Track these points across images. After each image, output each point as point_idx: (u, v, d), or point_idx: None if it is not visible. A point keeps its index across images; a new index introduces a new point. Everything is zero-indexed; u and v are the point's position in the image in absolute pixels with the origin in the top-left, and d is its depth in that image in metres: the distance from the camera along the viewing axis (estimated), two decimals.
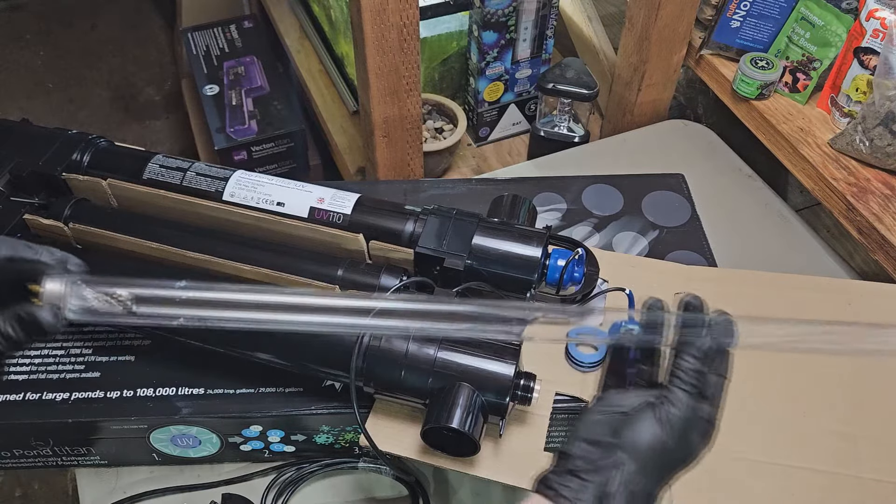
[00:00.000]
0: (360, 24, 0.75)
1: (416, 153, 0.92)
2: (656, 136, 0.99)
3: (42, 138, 0.71)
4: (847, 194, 0.79)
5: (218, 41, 1.40)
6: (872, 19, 0.78)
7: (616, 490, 0.40)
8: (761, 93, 0.89)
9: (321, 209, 0.63)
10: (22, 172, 0.68)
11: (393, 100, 0.83)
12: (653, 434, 0.42)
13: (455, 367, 0.54)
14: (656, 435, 0.42)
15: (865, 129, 0.79)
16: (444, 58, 1.06)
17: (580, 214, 0.79)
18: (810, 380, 0.62)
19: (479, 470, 0.56)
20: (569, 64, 0.98)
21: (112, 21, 2.06)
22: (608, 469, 0.41)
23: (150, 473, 0.66)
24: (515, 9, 0.97)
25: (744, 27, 0.90)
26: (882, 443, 0.59)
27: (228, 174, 0.66)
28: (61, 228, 0.63)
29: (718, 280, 0.69)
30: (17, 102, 1.84)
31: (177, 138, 1.78)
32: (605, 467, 0.41)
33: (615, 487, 0.40)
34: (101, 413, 0.61)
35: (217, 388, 0.62)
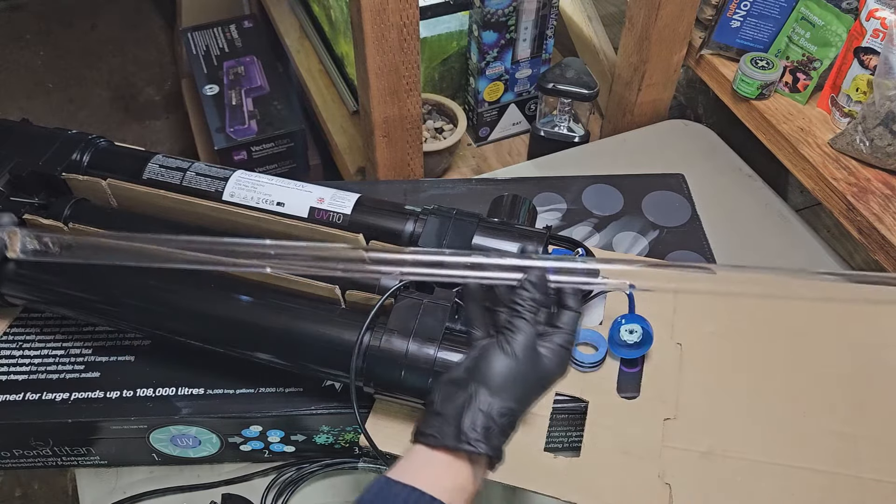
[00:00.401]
0: (360, 24, 0.75)
1: (416, 153, 0.91)
2: (656, 136, 0.99)
3: (42, 138, 0.71)
4: (847, 194, 0.79)
5: (218, 41, 1.40)
6: (872, 19, 0.78)
7: (472, 414, 0.43)
8: (761, 93, 0.88)
9: (321, 209, 0.63)
10: (22, 172, 0.68)
11: (393, 100, 0.83)
12: (500, 362, 0.45)
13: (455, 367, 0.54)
14: (503, 362, 0.45)
15: (866, 129, 0.79)
16: (444, 58, 1.06)
17: (580, 214, 0.79)
18: (810, 380, 0.62)
19: None
20: (569, 64, 0.98)
21: (112, 21, 2.06)
22: (462, 399, 0.44)
23: (150, 473, 0.66)
24: (515, 9, 0.97)
25: (744, 27, 0.90)
26: (882, 443, 0.59)
27: (228, 174, 0.66)
28: (61, 228, 0.63)
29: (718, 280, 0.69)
30: (17, 102, 1.84)
31: (177, 138, 1.78)
32: (460, 398, 0.44)
33: (471, 412, 0.43)
34: (101, 413, 0.61)
35: (217, 388, 0.62)
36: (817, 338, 0.65)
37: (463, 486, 0.42)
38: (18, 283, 0.63)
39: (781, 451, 0.58)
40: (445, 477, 0.42)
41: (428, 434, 0.43)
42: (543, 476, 0.56)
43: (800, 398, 0.61)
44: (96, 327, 0.66)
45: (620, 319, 0.62)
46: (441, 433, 0.43)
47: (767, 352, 0.64)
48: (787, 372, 0.63)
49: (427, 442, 0.43)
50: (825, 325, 0.65)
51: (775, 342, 0.65)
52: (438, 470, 0.42)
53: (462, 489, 0.42)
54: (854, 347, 0.64)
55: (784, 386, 0.62)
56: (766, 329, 0.65)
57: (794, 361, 0.63)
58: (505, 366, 0.45)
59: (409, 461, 0.43)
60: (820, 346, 0.64)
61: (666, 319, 0.65)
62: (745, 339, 0.65)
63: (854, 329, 0.65)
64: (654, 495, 0.56)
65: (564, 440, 0.63)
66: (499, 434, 0.44)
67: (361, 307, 0.57)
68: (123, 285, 0.60)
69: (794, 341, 0.65)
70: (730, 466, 0.57)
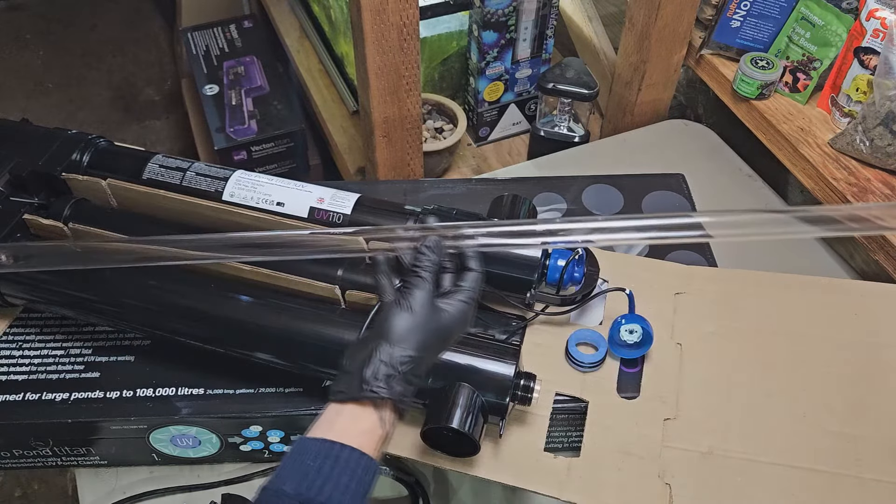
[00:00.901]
0: (360, 24, 0.75)
1: (416, 153, 0.91)
2: (656, 135, 0.99)
3: (42, 138, 0.71)
4: (847, 194, 0.79)
5: (218, 41, 1.40)
6: (873, 19, 0.78)
7: (374, 365, 0.46)
8: (761, 93, 0.88)
9: (321, 209, 0.63)
10: (22, 172, 0.68)
11: (393, 99, 0.83)
12: (397, 316, 0.48)
13: (455, 367, 0.54)
14: (400, 316, 0.48)
15: (866, 128, 0.79)
16: (444, 57, 1.06)
17: (581, 214, 0.79)
18: (810, 380, 0.62)
19: (478, 470, 0.56)
20: (569, 64, 0.98)
21: (112, 21, 2.06)
22: (364, 354, 0.46)
23: (150, 474, 0.66)
24: (515, 8, 0.97)
25: (744, 27, 0.90)
26: (882, 443, 0.59)
27: (228, 174, 0.66)
28: (61, 228, 0.63)
29: (719, 280, 0.69)
30: (17, 102, 1.84)
31: (176, 138, 1.78)
32: (363, 354, 0.46)
33: (372, 364, 0.46)
34: (101, 413, 0.61)
35: (217, 388, 0.62)
36: (817, 338, 0.65)
37: (370, 429, 0.45)
38: (18, 283, 0.63)
39: (782, 451, 0.58)
40: (353, 425, 0.45)
41: (336, 391, 0.46)
42: (543, 476, 0.56)
43: (800, 398, 0.61)
44: (96, 327, 0.66)
45: (620, 319, 0.62)
46: (348, 387, 0.46)
47: (767, 352, 0.64)
48: (787, 372, 0.63)
49: (336, 398, 0.46)
50: (825, 326, 0.65)
51: (775, 342, 0.64)
52: (346, 420, 0.45)
53: (370, 432, 0.45)
54: (854, 347, 0.64)
55: (784, 386, 0.62)
56: (766, 329, 0.65)
57: (794, 361, 0.63)
58: (402, 319, 0.48)
59: (321, 419, 0.46)
60: (820, 346, 0.64)
61: (666, 319, 0.65)
62: (745, 340, 0.65)
63: (854, 329, 0.65)
64: (654, 495, 0.55)
65: (564, 440, 0.63)
66: (402, 381, 0.46)
67: (361, 307, 0.57)
68: (123, 285, 0.60)
69: (795, 341, 0.64)
70: (730, 467, 0.57)
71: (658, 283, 0.68)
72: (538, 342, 0.63)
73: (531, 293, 0.61)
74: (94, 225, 0.63)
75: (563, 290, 0.62)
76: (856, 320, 0.66)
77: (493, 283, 0.60)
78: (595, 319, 0.65)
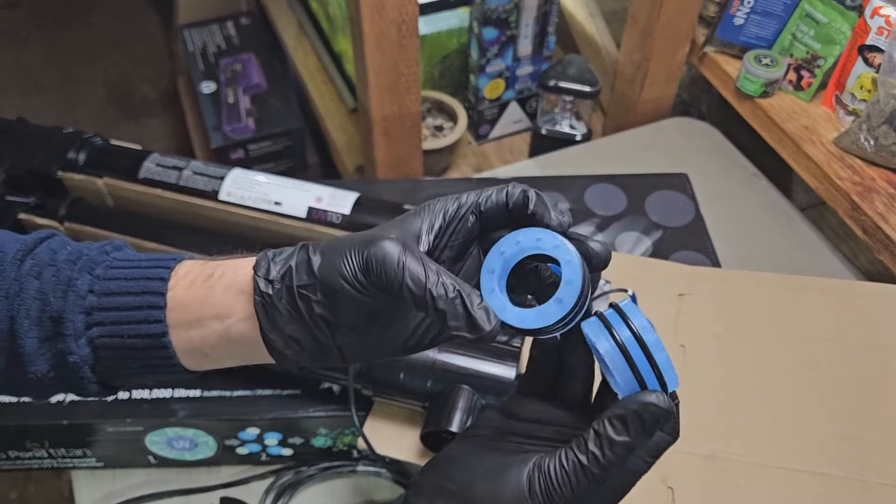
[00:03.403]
0: (359, 21, 0.74)
1: (416, 151, 0.91)
2: (659, 133, 0.98)
3: (38, 137, 0.71)
4: (852, 193, 0.79)
5: (215, 38, 1.39)
6: (877, 16, 0.77)
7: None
8: (765, 91, 0.88)
9: (319, 209, 0.62)
10: (17, 171, 0.67)
11: (392, 97, 0.82)
12: (513, 493, 0.32)
13: (455, 370, 0.54)
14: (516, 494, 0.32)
15: (870, 127, 0.78)
16: (444, 55, 1.05)
17: (583, 214, 0.78)
18: (814, 383, 0.62)
19: None
20: (570, 61, 0.97)
21: (108, 18, 2.05)
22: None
23: (147, 476, 0.65)
24: (516, 5, 0.96)
25: (747, 24, 0.89)
26: (887, 446, 0.58)
27: (225, 173, 0.65)
28: (57, 228, 0.62)
29: (722, 281, 0.68)
30: (13, 100, 1.82)
31: (173, 136, 1.77)
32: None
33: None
34: (97, 415, 0.60)
35: (214, 390, 0.61)
36: (822, 339, 0.64)
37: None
38: None
39: (786, 454, 0.58)
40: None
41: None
42: None
43: (804, 401, 0.60)
44: None
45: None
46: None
47: (771, 355, 0.63)
48: (791, 375, 0.62)
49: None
50: (830, 327, 0.65)
51: (779, 345, 0.64)
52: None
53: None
54: (859, 349, 0.63)
55: (788, 389, 0.61)
56: (769, 332, 0.65)
57: (798, 364, 0.63)
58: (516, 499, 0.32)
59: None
60: (825, 347, 0.64)
61: (669, 321, 0.65)
62: (748, 342, 0.64)
63: (859, 332, 0.64)
64: (656, 499, 0.55)
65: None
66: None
67: None
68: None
69: (799, 343, 0.64)
70: (733, 470, 0.57)
71: (661, 284, 0.67)
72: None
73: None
74: (90, 224, 0.63)
75: None
76: (861, 321, 0.65)
77: None
78: None
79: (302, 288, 0.33)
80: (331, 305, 0.33)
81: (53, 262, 0.36)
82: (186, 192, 0.64)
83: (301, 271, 0.33)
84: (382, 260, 0.31)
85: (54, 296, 0.35)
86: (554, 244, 0.32)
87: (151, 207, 0.65)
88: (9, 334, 0.35)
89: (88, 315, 0.35)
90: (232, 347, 0.36)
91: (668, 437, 0.33)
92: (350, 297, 0.32)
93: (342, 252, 0.32)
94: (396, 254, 0.31)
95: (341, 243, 0.33)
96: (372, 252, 0.32)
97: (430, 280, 0.31)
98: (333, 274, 0.32)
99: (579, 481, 0.31)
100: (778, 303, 0.67)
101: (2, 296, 0.35)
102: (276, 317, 0.34)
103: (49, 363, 0.36)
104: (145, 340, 0.35)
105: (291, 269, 0.33)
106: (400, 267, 0.31)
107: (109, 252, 0.37)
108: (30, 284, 0.35)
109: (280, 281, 0.33)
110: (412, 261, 0.31)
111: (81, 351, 0.35)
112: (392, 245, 0.32)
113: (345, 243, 0.33)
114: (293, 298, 0.33)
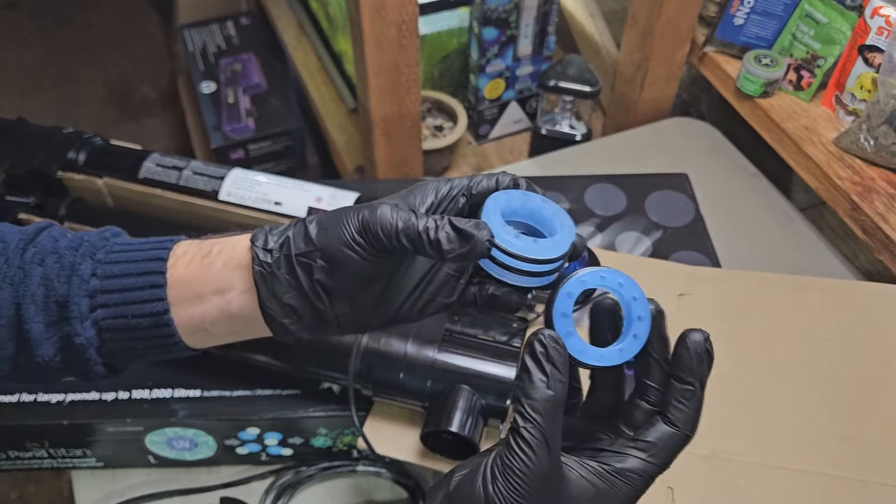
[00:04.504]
0: (359, 21, 0.74)
1: (416, 151, 0.91)
2: (659, 133, 0.98)
3: (38, 137, 0.71)
4: (852, 193, 0.79)
5: (215, 38, 1.39)
6: (877, 16, 0.77)
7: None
8: (765, 91, 0.88)
9: (319, 209, 0.62)
10: (17, 171, 0.67)
11: (392, 97, 0.82)
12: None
13: (455, 370, 0.54)
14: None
15: (870, 127, 0.78)
16: (444, 55, 1.05)
17: (583, 214, 0.78)
18: (814, 383, 0.62)
19: None
20: (570, 61, 0.97)
21: (108, 18, 2.05)
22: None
23: (147, 476, 0.65)
24: (516, 5, 0.96)
25: (747, 24, 0.89)
26: (887, 446, 0.58)
27: (225, 173, 0.65)
28: None
29: (722, 281, 0.68)
30: (12, 100, 1.82)
31: (173, 136, 1.77)
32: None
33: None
34: (97, 415, 0.60)
35: (214, 390, 0.61)
36: (821, 339, 0.64)
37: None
38: None
39: (785, 454, 0.58)
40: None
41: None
42: None
43: (804, 401, 0.60)
44: None
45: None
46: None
47: (771, 354, 0.63)
48: (790, 375, 0.62)
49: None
50: (829, 327, 0.65)
51: (779, 345, 0.64)
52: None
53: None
54: (859, 349, 0.63)
55: (788, 389, 0.61)
56: (769, 332, 0.65)
57: (798, 363, 0.63)
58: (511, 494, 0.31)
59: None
60: (824, 347, 0.64)
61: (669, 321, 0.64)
62: (748, 342, 0.64)
63: (858, 332, 0.64)
64: (656, 499, 0.55)
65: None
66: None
67: None
68: None
69: (798, 343, 0.64)
70: (733, 470, 0.57)
71: (661, 283, 0.67)
72: None
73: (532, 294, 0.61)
74: (90, 224, 0.63)
75: None
76: (860, 321, 0.65)
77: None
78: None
79: (301, 256, 0.34)
80: (329, 271, 0.34)
81: (56, 249, 0.37)
82: (186, 192, 0.64)
83: (299, 240, 0.34)
84: (378, 218, 0.33)
85: (58, 281, 0.36)
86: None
87: (151, 207, 0.65)
88: (15, 321, 0.36)
89: (92, 298, 0.36)
90: (232, 322, 0.37)
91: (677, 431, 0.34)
92: (349, 261, 0.34)
93: (339, 219, 0.34)
94: (389, 210, 0.33)
95: (338, 213, 0.35)
96: (367, 214, 0.33)
97: (420, 223, 0.33)
98: (332, 239, 0.34)
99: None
100: (778, 303, 0.67)
101: (7, 284, 0.36)
102: (275, 286, 0.35)
103: (55, 346, 0.36)
104: (149, 319, 0.36)
105: (289, 238, 0.35)
106: (394, 219, 0.33)
107: (109, 238, 0.38)
108: (34, 271, 0.36)
109: (279, 250, 0.35)
110: (403, 213, 0.33)
111: (87, 333, 0.36)
112: (385, 206, 0.34)
113: (341, 212, 0.34)
114: (292, 267, 0.34)
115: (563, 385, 0.32)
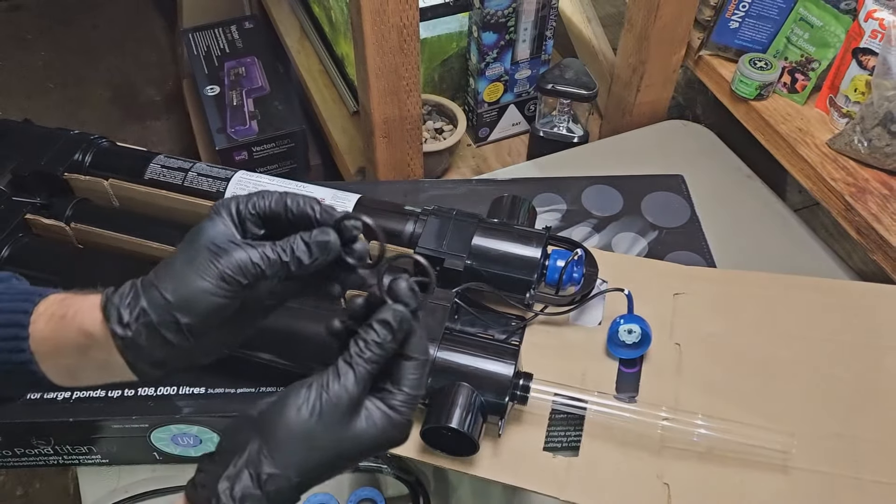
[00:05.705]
0: (360, 25, 0.75)
1: (416, 153, 0.92)
2: (655, 136, 0.99)
3: (44, 138, 0.72)
4: (845, 194, 0.80)
5: (218, 41, 1.41)
6: (871, 20, 0.78)
7: (234, 472, 0.34)
8: (760, 93, 0.89)
9: None
10: (24, 172, 0.68)
11: (393, 100, 0.83)
12: (293, 414, 0.35)
13: (454, 367, 0.55)
14: (300, 415, 0.35)
15: (864, 129, 0.79)
16: (444, 58, 1.06)
17: (580, 215, 0.79)
18: (809, 381, 0.62)
19: (478, 469, 0.56)
20: (568, 64, 0.98)
21: (113, 21, 2.06)
22: (235, 447, 0.35)
23: (152, 473, 0.66)
24: (515, 10, 0.97)
25: (742, 28, 0.90)
26: (882, 445, 0.58)
27: (230, 174, 0.66)
28: (63, 228, 0.63)
29: (718, 281, 0.69)
30: (19, 102, 1.84)
31: (177, 139, 1.78)
32: (235, 445, 0.35)
33: (234, 469, 0.34)
34: (102, 412, 0.61)
35: (218, 387, 0.62)
36: (816, 339, 0.65)
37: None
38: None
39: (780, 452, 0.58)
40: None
41: (195, 484, 0.36)
42: (543, 476, 0.56)
43: (799, 399, 0.61)
44: None
45: (619, 320, 0.62)
46: (204, 488, 0.35)
47: (766, 353, 0.64)
48: (785, 373, 0.63)
49: (188, 493, 0.36)
50: (824, 326, 0.65)
51: (774, 343, 0.65)
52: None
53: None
54: (853, 348, 0.64)
55: (783, 387, 0.62)
56: (765, 330, 0.65)
57: (792, 362, 0.63)
58: (300, 419, 0.35)
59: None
60: (819, 346, 0.64)
61: (665, 320, 0.65)
62: (743, 341, 0.65)
63: (853, 329, 0.65)
64: (652, 495, 0.56)
65: (563, 440, 0.64)
66: (261, 502, 0.34)
67: None
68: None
69: (793, 342, 0.65)
70: (728, 467, 0.57)
71: (657, 283, 0.68)
72: (537, 342, 0.63)
73: (530, 293, 0.62)
74: (95, 225, 0.64)
75: (562, 290, 0.63)
76: (854, 321, 0.66)
77: (492, 283, 0.61)
78: (594, 320, 0.66)
79: (161, 320, 0.36)
80: (195, 321, 0.36)
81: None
82: (192, 194, 0.65)
83: (155, 306, 0.36)
84: (236, 264, 0.36)
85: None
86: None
87: (156, 208, 0.66)
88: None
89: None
90: (98, 372, 0.39)
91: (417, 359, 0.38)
92: (213, 306, 0.36)
93: (195, 274, 0.36)
94: (245, 255, 0.37)
95: (183, 267, 0.37)
96: (223, 261, 0.36)
97: (253, 255, 0.37)
98: (194, 292, 0.36)
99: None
100: (773, 302, 0.67)
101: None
102: (140, 352, 0.37)
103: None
104: (16, 366, 0.38)
105: (144, 308, 0.36)
106: (250, 260, 0.37)
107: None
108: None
109: (136, 322, 0.36)
110: (253, 251, 0.37)
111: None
112: (234, 247, 0.37)
113: (187, 266, 0.37)
114: (154, 331, 0.36)
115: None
